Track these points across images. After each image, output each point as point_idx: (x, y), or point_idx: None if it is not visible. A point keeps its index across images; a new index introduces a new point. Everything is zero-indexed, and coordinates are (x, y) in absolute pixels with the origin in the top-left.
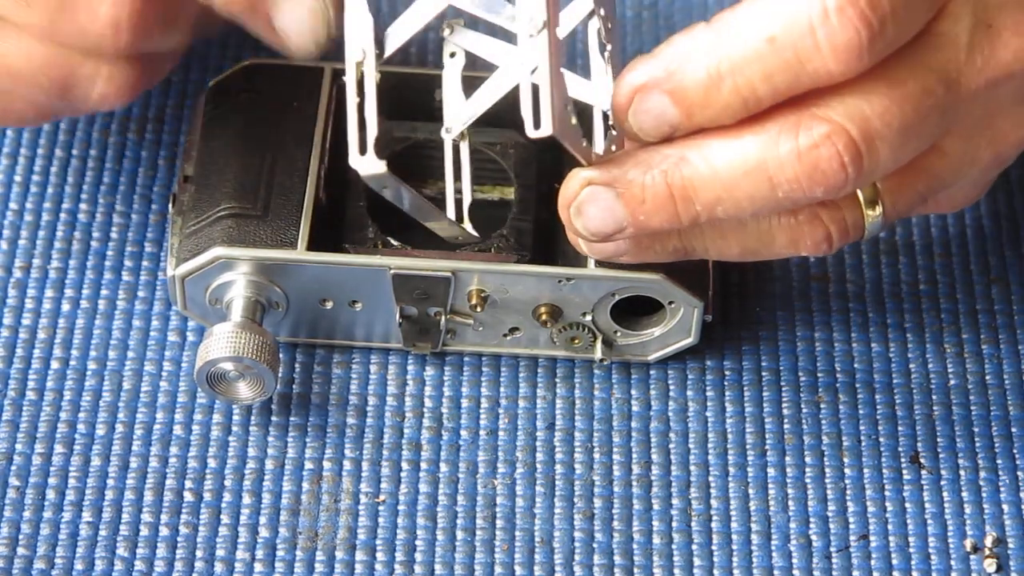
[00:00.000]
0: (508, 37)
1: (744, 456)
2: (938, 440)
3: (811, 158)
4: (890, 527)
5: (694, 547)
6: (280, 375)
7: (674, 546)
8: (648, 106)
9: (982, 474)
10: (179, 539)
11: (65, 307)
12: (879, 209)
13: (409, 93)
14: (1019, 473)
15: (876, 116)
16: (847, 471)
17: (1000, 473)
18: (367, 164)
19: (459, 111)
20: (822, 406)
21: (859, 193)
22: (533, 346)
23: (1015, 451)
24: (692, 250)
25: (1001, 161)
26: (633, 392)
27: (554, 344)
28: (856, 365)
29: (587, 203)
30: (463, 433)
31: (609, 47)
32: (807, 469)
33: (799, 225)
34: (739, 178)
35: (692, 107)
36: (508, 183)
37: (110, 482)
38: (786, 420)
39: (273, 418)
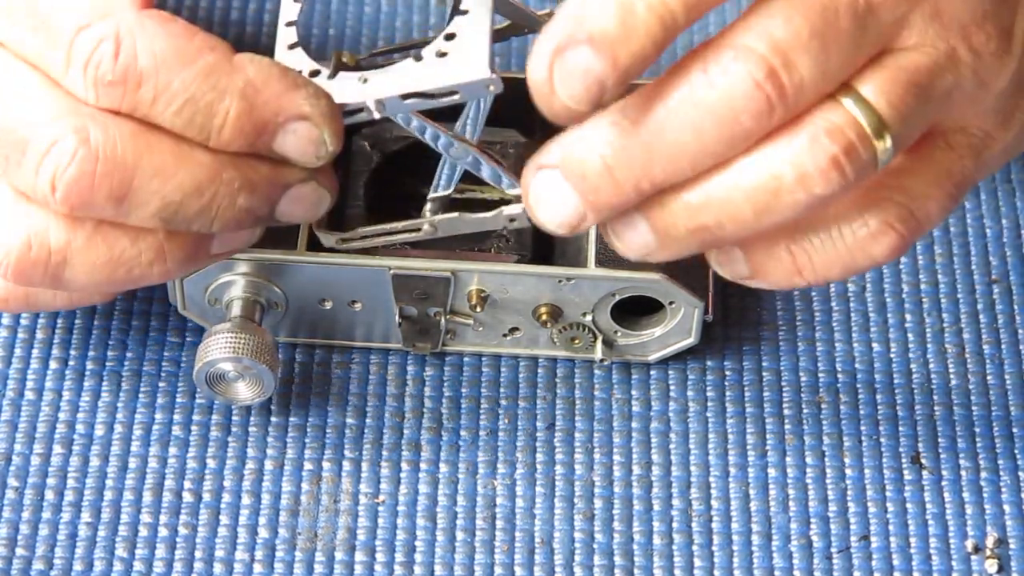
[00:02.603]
0: None
1: (745, 456)
2: (939, 440)
3: (725, 86)
4: (891, 528)
5: (694, 548)
6: (280, 375)
7: (674, 547)
8: (570, 66)
9: (983, 474)
10: (178, 539)
11: None
12: (878, 108)
13: None
14: (1020, 474)
15: (780, 28)
16: (848, 471)
17: (1001, 473)
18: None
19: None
20: (823, 406)
21: (851, 103)
22: (533, 346)
23: (1016, 451)
24: (703, 224)
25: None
26: (633, 392)
27: (554, 344)
28: (857, 365)
29: (542, 192)
30: (463, 433)
31: None
32: (808, 469)
33: (798, 152)
34: (663, 134)
35: (614, 47)
36: None
37: (109, 482)
38: (787, 420)
39: (272, 418)
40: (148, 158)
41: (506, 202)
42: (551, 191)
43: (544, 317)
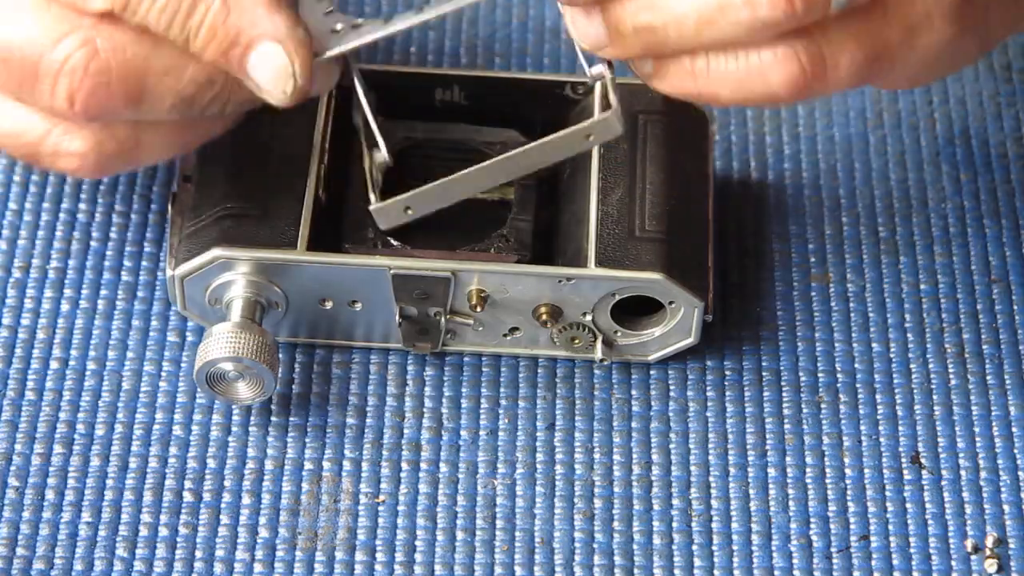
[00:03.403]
0: None
1: (744, 456)
2: (939, 440)
3: None
4: (891, 527)
5: (694, 547)
6: (280, 375)
7: (674, 546)
8: None
9: (983, 474)
10: (178, 539)
11: (64, 307)
12: None
13: (409, 93)
14: (1020, 473)
15: None
16: (848, 471)
17: (1001, 473)
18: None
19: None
20: (822, 406)
21: None
22: (533, 346)
23: (1016, 451)
24: (651, 24)
25: None
26: (633, 392)
27: (554, 344)
28: (856, 365)
29: None
30: (463, 433)
31: None
32: (807, 469)
33: None
34: None
35: None
36: (508, 183)
37: (109, 482)
38: (786, 420)
39: (273, 418)
40: (156, 58)
41: (506, 203)
42: None
43: (544, 317)
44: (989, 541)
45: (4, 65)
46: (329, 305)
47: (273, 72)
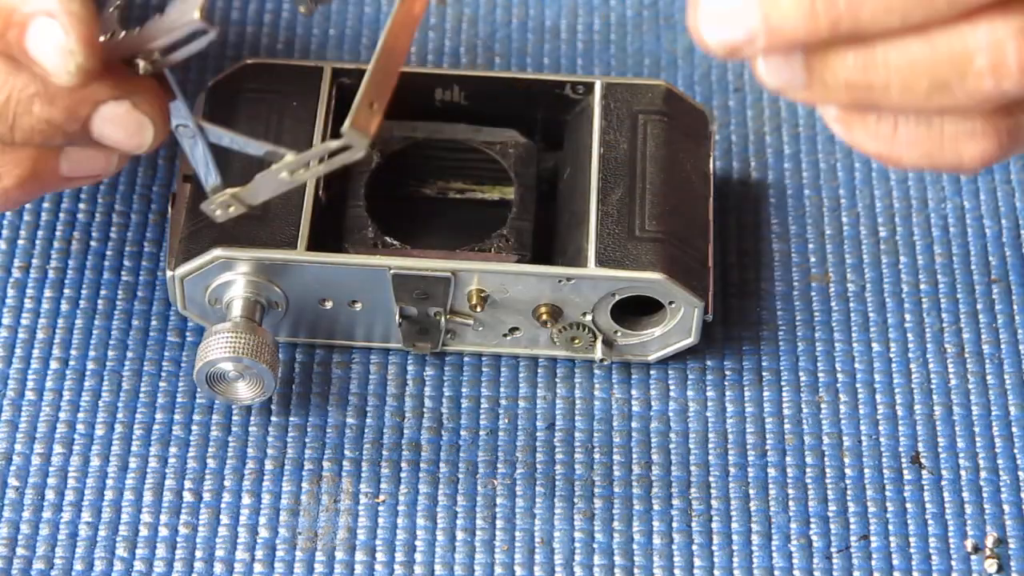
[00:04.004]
0: None
1: (744, 456)
2: (939, 440)
3: None
4: (891, 527)
5: (694, 547)
6: (280, 375)
7: (674, 546)
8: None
9: (983, 474)
10: (178, 539)
11: (64, 307)
12: None
13: (409, 93)
14: (1020, 473)
15: None
16: (848, 471)
17: (1001, 473)
18: None
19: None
20: (822, 406)
21: None
22: (533, 346)
23: (1016, 451)
24: (869, 81)
25: None
26: (633, 392)
27: (554, 344)
28: (856, 365)
29: (714, 3)
30: (463, 433)
31: None
32: (807, 469)
33: (1004, 37)
34: None
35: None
36: (508, 183)
37: (109, 482)
38: (786, 420)
39: (273, 418)
40: None
41: (506, 203)
42: (730, 3)
43: (544, 317)
44: (989, 541)
45: None
46: (329, 305)
47: (50, 50)
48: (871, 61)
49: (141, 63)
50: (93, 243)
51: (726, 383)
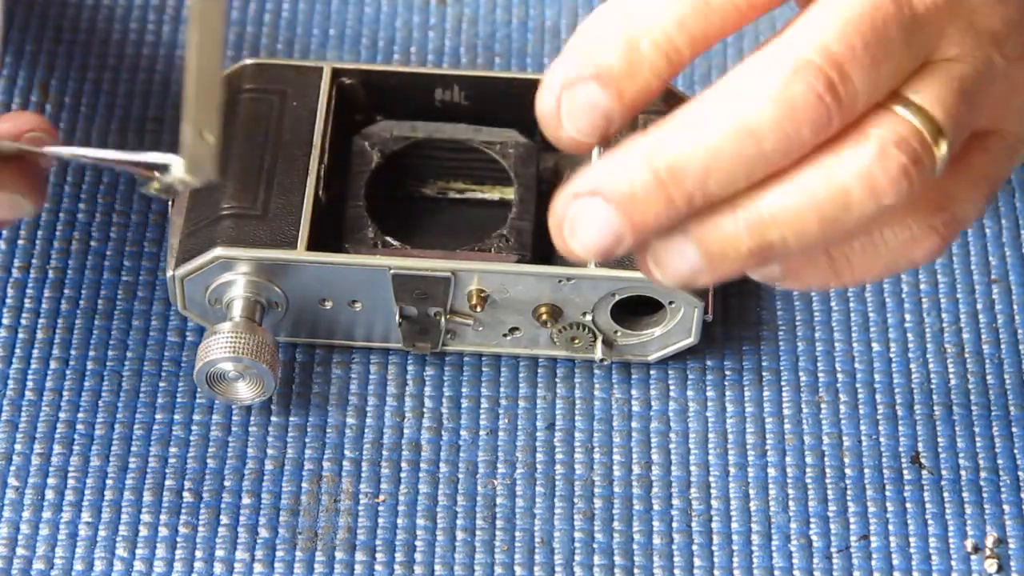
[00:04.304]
0: None
1: (744, 456)
2: (939, 440)
3: (786, 97)
4: (891, 527)
5: (694, 547)
6: (280, 375)
7: (674, 546)
8: (578, 101)
9: (983, 474)
10: (179, 539)
11: (64, 307)
12: (934, 115)
13: (409, 93)
14: (1020, 473)
15: (835, 41)
16: (848, 471)
17: (1001, 473)
18: None
19: None
20: (822, 406)
21: (908, 114)
22: (533, 346)
23: (1016, 451)
24: (764, 240)
25: None
26: (633, 392)
27: (554, 344)
28: (856, 365)
29: (578, 219)
30: (463, 433)
31: None
32: (807, 469)
33: (867, 163)
34: (721, 142)
35: (620, 82)
36: (508, 183)
37: (109, 482)
38: (786, 420)
39: (273, 418)
40: None
41: (506, 203)
42: (588, 217)
43: (544, 317)
44: (989, 541)
45: None
46: (329, 305)
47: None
48: (755, 220)
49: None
50: (93, 243)
51: (726, 383)
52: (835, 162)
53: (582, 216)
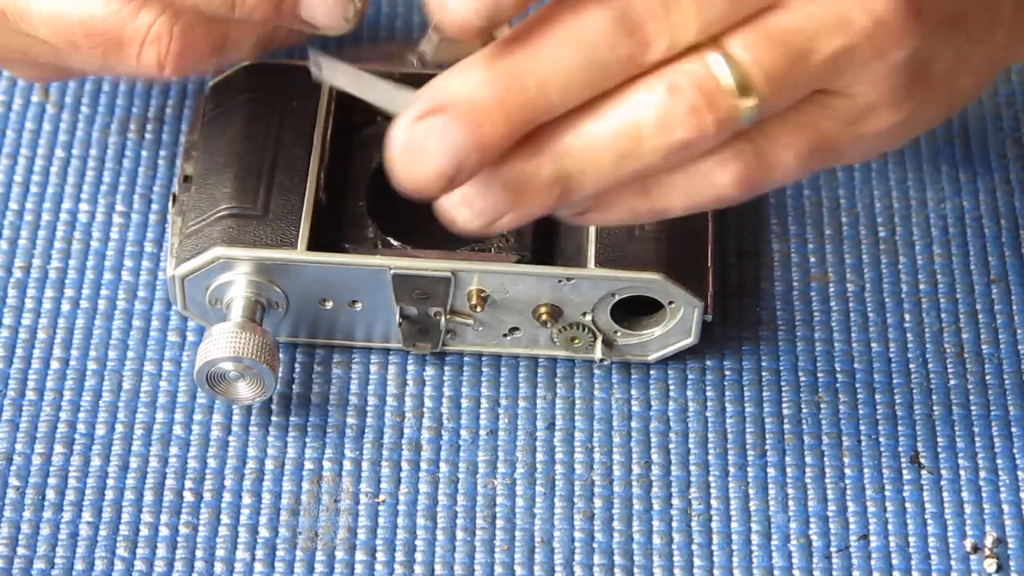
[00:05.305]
0: None
1: (744, 456)
2: (938, 440)
3: (597, 30)
4: (890, 527)
5: (694, 547)
6: (280, 375)
7: (674, 546)
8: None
9: (982, 474)
10: (179, 539)
11: (65, 307)
12: (744, 65)
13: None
14: (1019, 473)
15: None
16: (847, 471)
17: (1000, 473)
18: None
19: None
20: (822, 406)
21: (719, 62)
22: (533, 346)
23: (1015, 451)
24: (568, 176)
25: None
26: (633, 392)
27: (554, 344)
28: (856, 365)
29: (422, 144)
30: (463, 433)
31: None
32: (807, 469)
33: (660, 99)
34: (555, 51)
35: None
36: None
37: (110, 482)
38: (786, 420)
39: (273, 418)
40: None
41: None
42: (432, 139)
43: (544, 317)
44: (989, 541)
45: (88, 40)
46: (329, 305)
47: (325, 8)
48: (556, 151)
49: None
50: (93, 243)
51: (726, 383)
52: (633, 95)
53: (425, 140)
